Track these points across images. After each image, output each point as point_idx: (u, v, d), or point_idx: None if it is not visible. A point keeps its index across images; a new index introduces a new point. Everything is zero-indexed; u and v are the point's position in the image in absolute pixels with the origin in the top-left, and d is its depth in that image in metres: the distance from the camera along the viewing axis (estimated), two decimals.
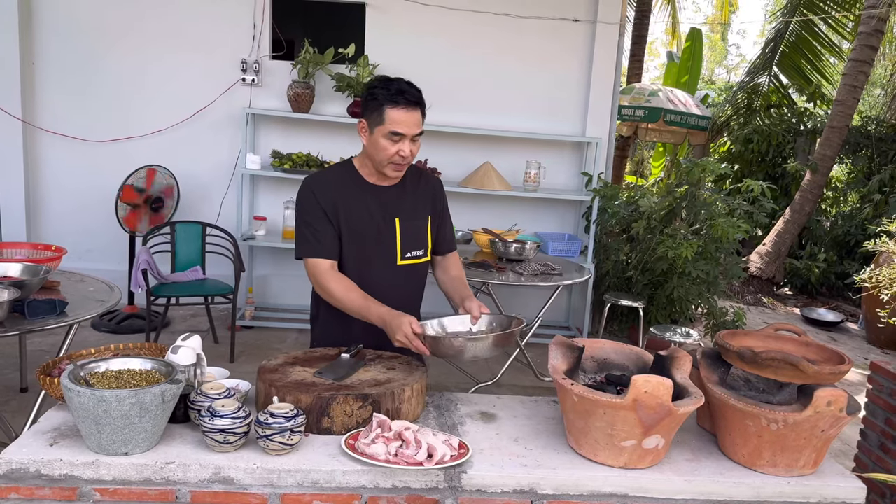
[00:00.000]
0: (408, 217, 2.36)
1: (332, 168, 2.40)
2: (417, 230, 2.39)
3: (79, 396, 1.59)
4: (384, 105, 2.18)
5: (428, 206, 2.43)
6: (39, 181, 5.82)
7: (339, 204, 2.28)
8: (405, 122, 2.18)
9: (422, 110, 2.24)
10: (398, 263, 2.34)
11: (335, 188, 2.30)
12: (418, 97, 2.23)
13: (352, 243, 2.30)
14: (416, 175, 2.44)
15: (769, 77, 10.53)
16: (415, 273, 2.41)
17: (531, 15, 5.88)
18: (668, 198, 5.74)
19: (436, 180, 2.51)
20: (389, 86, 2.20)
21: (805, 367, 1.76)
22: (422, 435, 1.73)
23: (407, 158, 2.23)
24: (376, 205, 2.31)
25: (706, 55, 17.62)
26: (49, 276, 3.12)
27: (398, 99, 2.18)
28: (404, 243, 2.35)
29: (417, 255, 2.39)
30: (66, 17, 5.63)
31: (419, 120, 2.22)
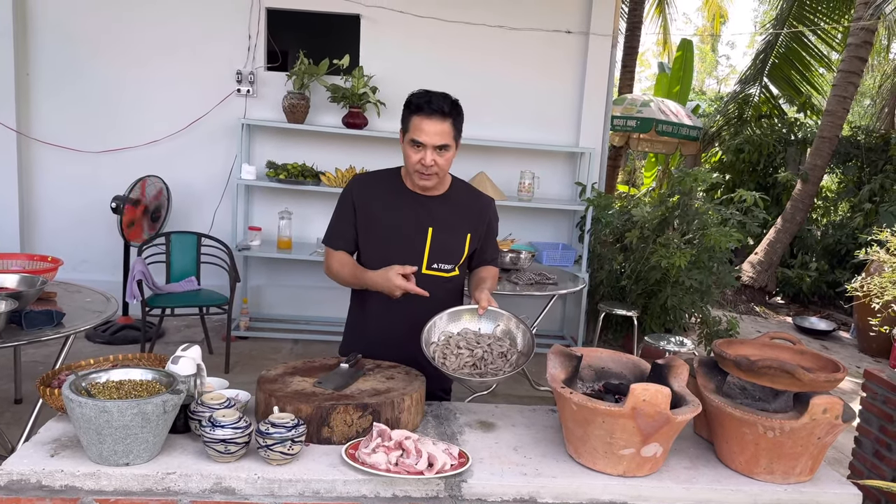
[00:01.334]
0: (442, 229, 2.35)
1: (381, 170, 2.48)
2: (450, 243, 2.37)
3: (80, 407, 1.59)
4: (411, 113, 2.24)
5: (469, 223, 2.41)
6: (34, 192, 5.81)
7: (373, 203, 2.34)
8: (425, 131, 2.20)
9: (453, 124, 2.25)
10: (423, 272, 2.33)
11: (375, 188, 2.38)
12: (445, 108, 2.22)
13: (380, 243, 2.34)
14: (465, 191, 2.46)
15: (759, 88, 10.63)
16: (441, 286, 2.35)
17: (524, 27, 5.92)
18: (661, 207, 5.78)
19: (486, 201, 2.49)
20: (420, 95, 2.26)
21: (801, 375, 1.78)
22: (422, 444, 1.74)
23: (430, 168, 2.24)
24: (412, 211, 2.34)
25: (697, 66, 17.76)
26: (46, 287, 3.12)
27: (423, 107, 2.22)
28: (433, 253, 2.34)
29: (445, 269, 2.37)
30: (60, 27, 5.64)
31: (444, 131, 2.22)
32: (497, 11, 5.89)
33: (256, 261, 5.93)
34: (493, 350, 2.13)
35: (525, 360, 2.14)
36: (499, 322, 2.24)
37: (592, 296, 5.95)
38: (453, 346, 2.12)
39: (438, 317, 2.20)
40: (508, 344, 2.17)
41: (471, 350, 2.12)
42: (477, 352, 2.12)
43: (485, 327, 2.22)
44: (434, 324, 2.18)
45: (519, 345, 2.18)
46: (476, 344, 2.15)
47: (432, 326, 2.17)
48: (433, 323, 2.18)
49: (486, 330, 2.22)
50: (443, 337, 2.17)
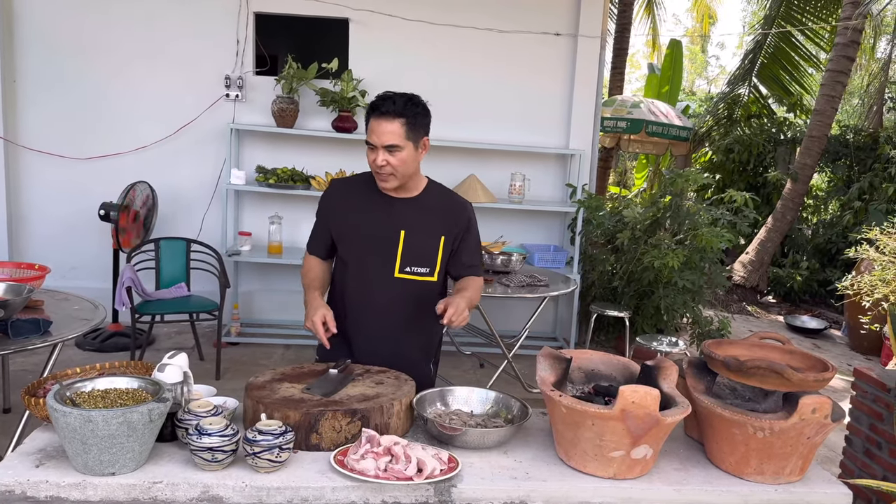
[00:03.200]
0: (415, 232, 2.34)
1: (359, 174, 2.50)
2: (423, 246, 2.36)
3: (65, 416, 1.57)
4: (369, 115, 2.27)
5: (443, 225, 2.38)
6: (22, 199, 5.77)
7: (348, 208, 2.38)
8: (375, 132, 2.22)
9: (406, 123, 2.22)
10: (395, 276, 2.33)
11: (350, 192, 2.41)
12: (396, 109, 2.21)
13: (353, 247, 2.37)
14: (439, 194, 2.45)
15: (749, 88, 10.67)
16: (415, 290, 2.35)
17: (514, 29, 5.93)
18: (652, 208, 5.79)
19: (462, 204, 2.46)
20: (378, 97, 2.27)
21: (790, 375, 1.78)
22: (411, 449, 1.73)
23: (382, 168, 2.24)
24: (384, 214, 2.34)
25: (686, 67, 17.84)
26: (33, 295, 3.09)
27: (374, 109, 2.24)
28: (405, 256, 2.33)
29: (420, 272, 2.36)
30: (47, 34, 5.61)
31: (393, 131, 2.21)
32: (486, 14, 5.89)
33: (247, 266, 5.91)
34: (486, 424, 2.01)
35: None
36: (490, 403, 2.13)
37: (584, 297, 5.96)
38: (445, 418, 2.02)
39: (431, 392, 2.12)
40: (503, 420, 2.06)
41: (464, 422, 2.01)
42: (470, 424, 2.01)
43: (477, 409, 2.12)
44: (424, 397, 2.08)
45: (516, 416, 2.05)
46: (469, 418, 2.06)
47: (422, 399, 2.06)
48: (423, 396, 2.08)
49: (479, 411, 2.11)
50: (432, 415, 2.02)
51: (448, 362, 5.43)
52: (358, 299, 2.38)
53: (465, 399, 2.13)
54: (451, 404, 2.11)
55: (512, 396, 2.13)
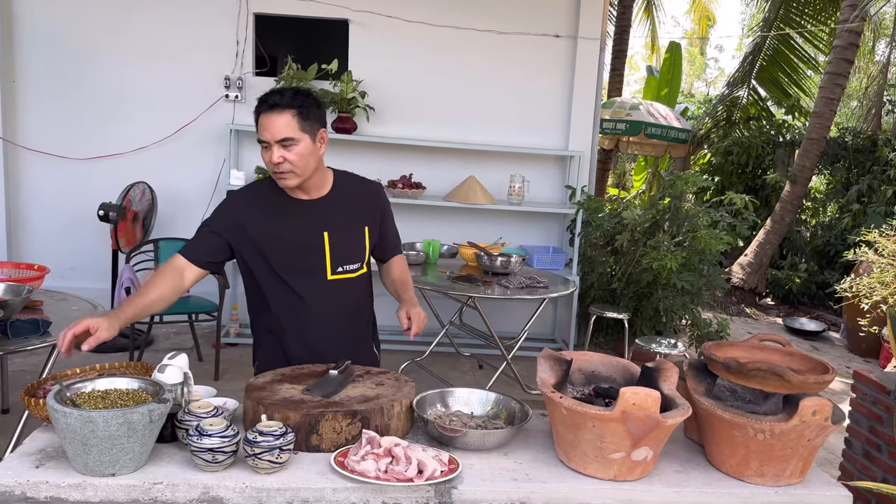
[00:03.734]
0: (338, 230, 2.27)
1: (256, 185, 2.34)
2: (350, 242, 2.30)
3: (65, 417, 1.57)
4: (256, 114, 2.14)
5: (364, 215, 2.34)
6: (21, 199, 5.77)
7: (259, 221, 2.22)
8: (265, 127, 2.10)
9: (297, 114, 2.10)
10: (329, 278, 2.26)
11: (255, 205, 2.25)
12: (284, 101, 2.09)
13: (278, 260, 2.23)
14: (350, 184, 2.36)
15: (748, 90, 10.69)
16: (351, 288, 2.32)
17: (513, 31, 5.93)
18: (652, 210, 5.79)
19: (374, 188, 2.41)
20: (264, 93, 2.15)
21: (790, 377, 1.78)
22: (411, 451, 1.73)
23: (279, 165, 2.11)
24: (301, 219, 2.24)
25: (685, 69, 17.85)
26: (32, 295, 3.09)
27: (261, 105, 2.12)
28: (335, 257, 2.26)
29: (351, 269, 2.31)
30: (47, 34, 5.61)
31: (285, 123, 2.08)
32: (486, 16, 5.90)
33: None
34: (486, 426, 2.01)
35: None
36: (490, 405, 2.12)
37: (583, 299, 5.96)
38: (446, 420, 2.02)
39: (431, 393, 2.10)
40: (503, 421, 2.05)
41: (464, 424, 2.01)
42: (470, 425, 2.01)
43: (477, 410, 2.11)
44: (425, 398, 2.07)
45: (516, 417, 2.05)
46: (469, 419, 2.06)
47: (423, 400, 2.05)
48: (423, 398, 2.07)
49: (479, 412, 2.11)
50: (432, 416, 2.02)
51: (447, 363, 5.44)
52: (293, 312, 2.27)
53: (466, 400, 2.13)
54: (452, 406, 2.11)
55: (512, 398, 2.13)
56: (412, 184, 5.66)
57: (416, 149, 5.93)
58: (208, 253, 2.26)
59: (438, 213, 6.01)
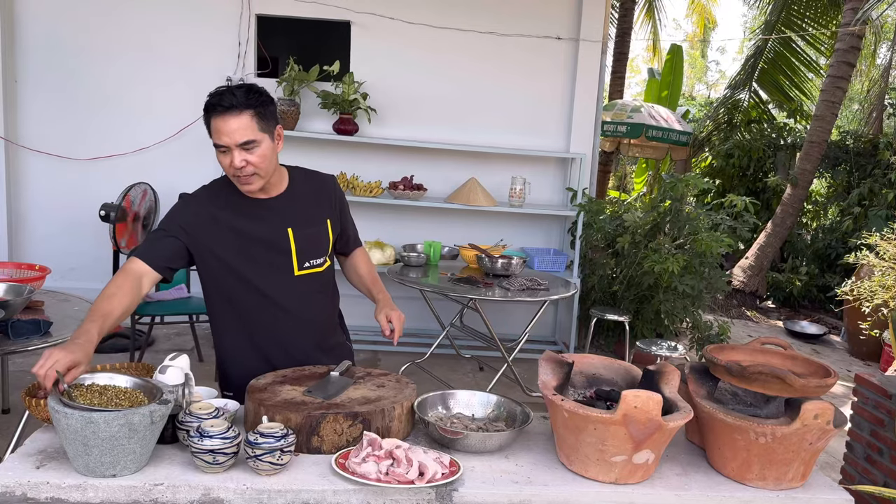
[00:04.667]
0: (302, 225, 2.24)
1: (215, 185, 2.28)
2: (315, 237, 2.28)
3: (66, 418, 1.57)
4: (208, 117, 2.04)
5: (324, 209, 2.32)
6: (22, 200, 5.77)
7: (218, 224, 2.17)
8: (223, 131, 2.00)
9: (255, 114, 2.02)
10: (297, 274, 2.24)
11: (212, 207, 2.19)
12: (238, 101, 2.00)
13: (242, 260, 2.19)
14: (305, 179, 2.32)
15: (749, 93, 10.69)
16: (317, 282, 2.30)
17: (515, 33, 5.93)
18: (653, 213, 5.79)
19: (328, 179, 2.37)
20: (213, 94, 2.03)
21: (792, 381, 1.78)
22: (413, 453, 1.73)
23: (243, 170, 2.05)
24: (263, 218, 2.20)
25: (686, 71, 17.86)
26: (33, 295, 3.09)
27: (214, 107, 2.01)
28: (301, 253, 2.24)
29: (317, 264, 2.29)
30: (48, 35, 5.61)
31: (243, 125, 2.00)
32: (487, 18, 5.91)
33: None
34: (487, 428, 2.00)
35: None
36: (491, 407, 2.12)
37: (584, 301, 5.95)
38: (447, 422, 2.01)
39: (430, 395, 2.09)
40: (504, 424, 2.04)
41: (465, 426, 2.00)
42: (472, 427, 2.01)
43: (478, 413, 2.11)
44: (426, 400, 2.06)
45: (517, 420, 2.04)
46: (470, 421, 2.06)
47: (423, 402, 2.05)
48: (424, 400, 2.05)
49: (480, 415, 2.10)
50: (433, 418, 2.01)
51: (447, 365, 5.44)
52: (262, 312, 2.23)
53: (467, 403, 2.13)
54: (453, 408, 2.11)
55: (513, 400, 2.13)
56: (413, 185, 5.66)
57: (418, 150, 5.93)
58: (168, 258, 2.15)
59: (439, 215, 6.02)
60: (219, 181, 2.28)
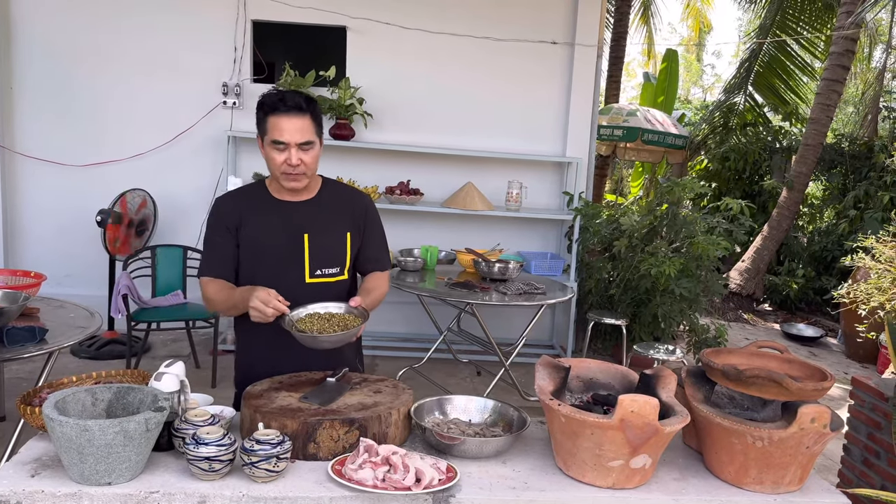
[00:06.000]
0: (319, 232, 2.27)
1: (243, 187, 2.39)
2: (331, 246, 2.29)
3: (61, 426, 1.56)
4: (267, 114, 2.15)
5: (346, 222, 2.32)
6: (17, 206, 5.76)
7: (243, 219, 2.25)
8: (286, 129, 2.12)
9: (313, 119, 2.16)
10: (308, 281, 2.25)
11: (240, 204, 2.29)
12: (302, 104, 2.14)
13: (257, 260, 2.24)
14: (337, 190, 2.37)
15: (744, 96, 10.72)
16: (329, 292, 2.27)
17: (510, 38, 5.94)
18: (649, 216, 5.80)
19: (362, 197, 2.41)
20: (273, 95, 2.17)
21: (789, 385, 1.78)
22: (409, 459, 1.72)
23: (297, 168, 2.16)
24: (283, 220, 2.25)
25: (682, 75, 17.91)
26: (28, 302, 3.08)
27: (278, 106, 2.13)
28: (314, 260, 2.26)
29: (331, 273, 2.29)
30: (44, 41, 5.61)
31: (304, 127, 2.14)
32: (483, 23, 5.92)
33: None
34: (485, 433, 2.00)
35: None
36: (488, 412, 2.12)
37: (581, 305, 5.95)
38: (444, 428, 2.00)
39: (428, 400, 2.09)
40: (501, 429, 2.04)
41: (462, 431, 2.00)
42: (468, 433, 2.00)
43: (475, 418, 2.10)
44: (423, 406, 2.06)
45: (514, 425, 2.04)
46: (467, 427, 2.05)
47: (420, 408, 2.05)
48: (421, 405, 2.06)
49: (477, 420, 2.10)
50: (430, 424, 2.01)
51: (445, 370, 5.43)
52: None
53: (464, 408, 2.12)
54: (450, 413, 2.10)
55: (510, 405, 2.12)
56: (410, 190, 5.66)
57: (414, 155, 5.93)
58: (229, 265, 2.28)
59: (436, 220, 6.01)
60: (249, 185, 2.39)
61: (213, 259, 2.28)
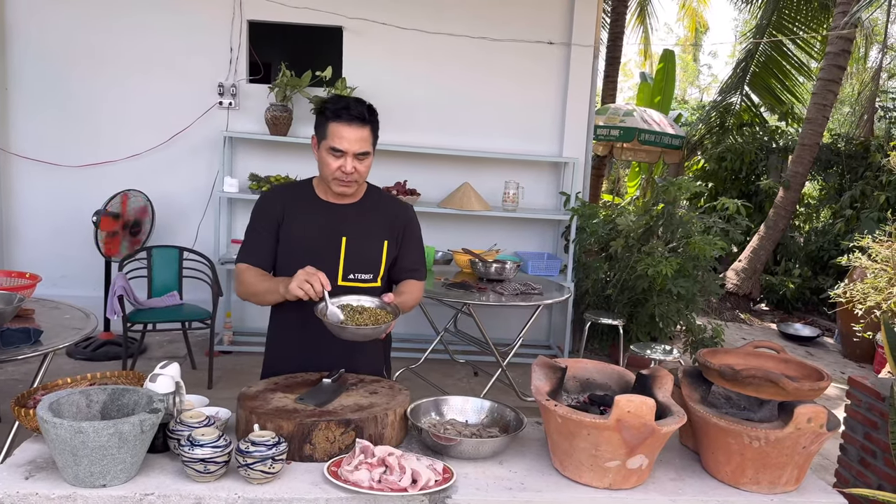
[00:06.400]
0: (357, 237, 2.28)
1: (291, 183, 2.42)
2: (366, 252, 2.30)
3: (55, 428, 1.55)
4: (329, 120, 2.19)
5: (385, 230, 2.34)
6: (13, 207, 5.74)
7: (286, 215, 2.29)
8: (346, 138, 2.16)
9: (372, 130, 2.21)
10: (339, 283, 2.26)
11: (286, 200, 2.32)
12: (365, 115, 2.18)
13: (293, 256, 2.26)
14: (380, 198, 2.39)
15: (741, 96, 10.73)
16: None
17: (507, 38, 5.94)
18: (645, 216, 5.80)
19: (403, 207, 2.43)
20: (337, 102, 2.20)
21: (785, 385, 1.78)
22: (406, 460, 1.72)
23: (350, 175, 2.19)
24: (323, 221, 2.28)
25: (679, 75, 17.94)
26: (23, 304, 3.06)
27: (341, 114, 2.16)
28: (348, 263, 2.27)
29: (364, 279, 2.30)
30: (40, 42, 5.59)
31: (364, 137, 2.18)
32: (480, 23, 5.91)
33: None
34: (481, 434, 1.99)
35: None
36: (485, 413, 2.11)
37: (578, 305, 5.95)
38: (440, 428, 2.00)
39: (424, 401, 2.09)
40: (498, 430, 2.03)
41: (458, 432, 1.99)
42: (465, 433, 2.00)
43: (471, 419, 2.10)
44: (419, 407, 2.06)
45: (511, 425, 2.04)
46: (463, 428, 2.04)
47: (417, 409, 2.05)
48: (418, 406, 2.05)
49: (473, 421, 2.09)
50: (427, 425, 1.99)
51: (442, 370, 5.43)
52: (302, 311, 2.20)
53: (460, 409, 2.12)
54: (446, 414, 2.10)
55: (507, 406, 2.12)
56: (406, 190, 5.66)
57: (411, 155, 5.92)
58: (269, 254, 2.31)
59: (433, 220, 6.00)
60: (296, 182, 2.44)
61: (253, 247, 2.31)
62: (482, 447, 1.88)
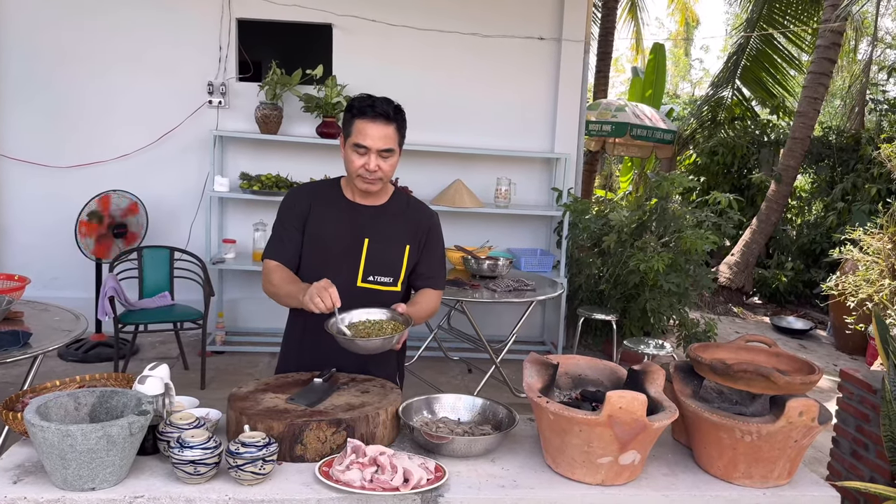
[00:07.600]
0: (379, 239, 2.28)
1: (320, 181, 2.44)
2: (388, 255, 2.30)
3: (43, 431, 1.54)
4: (354, 117, 2.19)
5: (408, 234, 2.33)
6: (1, 209, 5.70)
7: (312, 212, 2.29)
8: (370, 135, 2.15)
9: (397, 128, 2.21)
10: (358, 284, 2.26)
11: (313, 197, 2.33)
12: (389, 112, 2.18)
13: (314, 254, 2.28)
14: (405, 203, 2.39)
15: (732, 90, 10.74)
16: (377, 300, 2.25)
17: (497, 34, 5.93)
18: (638, 212, 5.80)
19: (428, 213, 2.42)
20: (364, 99, 2.20)
21: (776, 379, 1.78)
22: (397, 459, 1.71)
23: (374, 173, 2.19)
24: (348, 221, 2.28)
25: (670, 70, 17.96)
26: (12, 306, 3.04)
27: (366, 111, 2.16)
28: (369, 265, 2.28)
29: (383, 282, 2.30)
30: (27, 41, 5.55)
31: (388, 135, 2.17)
32: (470, 19, 5.90)
33: (231, 274, 5.87)
34: (473, 432, 1.98)
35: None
36: (477, 411, 2.10)
37: (571, 301, 5.96)
38: (432, 427, 1.98)
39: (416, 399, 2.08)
40: (490, 427, 2.02)
41: (451, 430, 1.98)
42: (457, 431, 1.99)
43: (464, 417, 2.09)
44: (411, 405, 2.05)
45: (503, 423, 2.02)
46: (456, 426, 2.03)
47: (409, 407, 2.03)
48: (410, 404, 2.04)
49: (466, 419, 2.08)
50: (419, 423, 1.99)
51: (435, 368, 5.42)
52: (317, 317, 2.15)
53: (452, 407, 2.11)
54: (438, 412, 2.09)
55: (499, 403, 2.11)
56: (398, 188, 5.64)
57: (402, 153, 5.90)
58: (296, 251, 2.31)
59: None
60: (325, 181, 2.44)
61: (281, 244, 2.31)
62: (474, 445, 1.88)
